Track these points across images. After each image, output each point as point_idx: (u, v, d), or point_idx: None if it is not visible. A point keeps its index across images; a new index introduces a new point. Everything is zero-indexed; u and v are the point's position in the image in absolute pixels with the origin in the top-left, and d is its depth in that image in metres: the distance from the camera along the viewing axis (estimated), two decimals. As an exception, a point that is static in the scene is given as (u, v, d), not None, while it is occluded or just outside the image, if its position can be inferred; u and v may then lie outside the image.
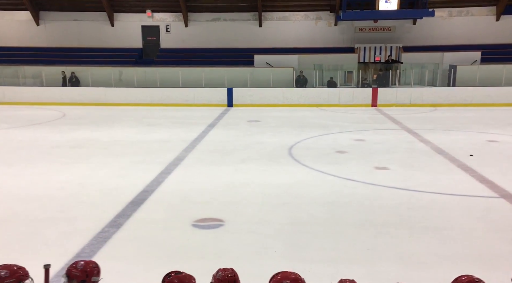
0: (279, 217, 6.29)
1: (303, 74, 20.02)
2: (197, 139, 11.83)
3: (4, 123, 14.17)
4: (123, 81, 20.20)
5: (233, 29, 23.33)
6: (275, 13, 23.27)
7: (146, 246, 5.35)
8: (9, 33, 23.46)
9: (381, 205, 6.79)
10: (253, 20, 23.36)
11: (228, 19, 23.36)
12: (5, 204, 6.75)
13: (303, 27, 23.35)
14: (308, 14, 23.23)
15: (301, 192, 7.39)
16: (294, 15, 23.30)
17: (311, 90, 19.39)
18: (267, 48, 22.76)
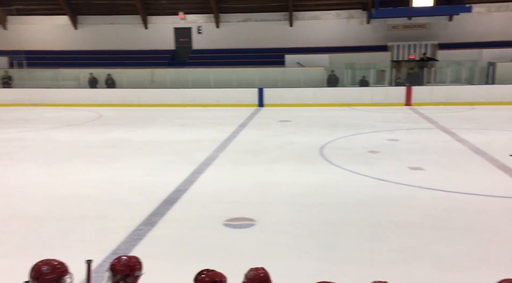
0: (310, 217, 6.26)
1: (334, 74, 19.82)
2: (228, 139, 11.92)
3: (45, 124, 14.73)
4: (156, 83, 20.61)
5: (264, 29, 23.36)
6: (306, 12, 23.14)
7: (179, 245, 5.44)
8: (48, 37, 24.38)
9: (416, 206, 6.64)
10: (283, 20, 23.32)
11: (259, 20, 23.42)
12: (44, 202, 7.02)
13: (335, 26, 23.11)
14: (339, 12, 22.97)
15: (333, 192, 7.33)
16: (325, 14, 23.09)
17: (343, 90, 19.17)
18: (298, 47, 22.66)
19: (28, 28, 24.39)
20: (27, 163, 9.54)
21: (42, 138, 12.39)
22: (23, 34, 24.39)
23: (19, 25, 24.38)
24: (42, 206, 6.83)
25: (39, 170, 8.97)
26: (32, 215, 6.45)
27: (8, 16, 24.09)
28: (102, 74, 20.80)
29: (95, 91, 20.05)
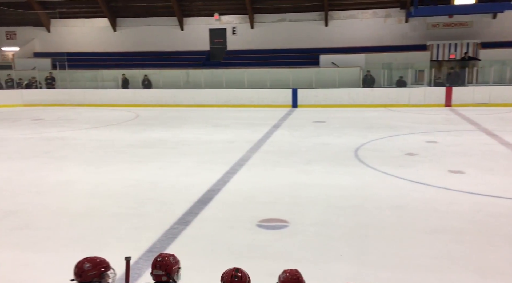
0: (345, 219, 6.15)
1: (370, 74, 19.45)
2: (261, 140, 11.92)
3: (84, 124, 15.22)
4: (191, 83, 20.88)
5: (299, 29, 23.22)
6: (342, 11, 22.83)
7: (212, 244, 5.47)
8: (89, 39, 25.19)
9: (456, 210, 6.40)
10: (318, 20, 23.11)
11: (293, 20, 23.30)
12: (83, 199, 7.24)
13: (371, 25, 22.67)
14: (376, 11, 22.52)
15: (368, 195, 7.17)
16: (362, 13, 22.69)
17: (379, 90, 18.78)
18: (333, 47, 22.39)
19: (70, 30, 25.30)
20: (68, 161, 9.87)
21: (82, 137, 12.80)
22: (65, 36, 25.31)
23: (61, 27, 25.32)
24: (82, 203, 7.04)
25: (79, 168, 9.27)
26: (73, 212, 6.66)
27: (51, 19, 25.06)
28: (139, 75, 21.29)
29: (132, 92, 20.54)
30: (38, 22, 25.00)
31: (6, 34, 25.78)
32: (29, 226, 6.10)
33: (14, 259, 5.13)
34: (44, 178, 8.57)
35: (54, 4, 24.18)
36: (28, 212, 6.67)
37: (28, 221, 6.30)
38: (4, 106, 20.12)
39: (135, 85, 21.20)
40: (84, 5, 24.37)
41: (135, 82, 21.28)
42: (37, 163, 9.68)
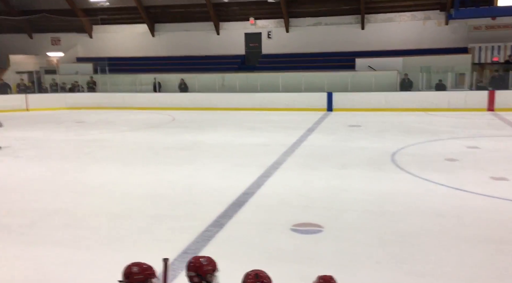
0: (381, 226, 6.02)
1: (408, 77, 19.01)
2: (296, 143, 11.87)
3: (123, 126, 15.66)
4: (226, 87, 21.09)
5: (335, 33, 23.01)
6: (379, 14, 22.46)
7: (246, 247, 5.48)
8: (128, 44, 25.94)
9: (500, 219, 6.13)
10: (355, 23, 22.82)
11: (329, 23, 23.13)
12: (122, 200, 7.43)
13: (409, 28, 22.17)
14: (415, 14, 22.01)
15: (406, 201, 6.99)
16: (400, 15, 22.24)
17: (417, 94, 18.33)
18: (369, 51, 22.04)
19: (111, 36, 26.14)
20: (107, 163, 10.18)
21: (121, 139, 13.17)
22: (106, 42, 26.18)
23: (103, 33, 26.20)
24: (121, 204, 7.23)
25: (118, 169, 9.53)
26: (112, 212, 6.85)
27: (93, 25, 25.99)
28: (176, 79, 21.70)
29: (169, 95, 20.97)
30: (81, 29, 25.99)
31: (51, 40, 26.94)
32: (71, 224, 6.32)
33: (56, 256, 5.33)
34: (85, 178, 8.86)
35: (96, 11, 25.08)
36: (70, 211, 6.91)
37: (70, 220, 6.52)
38: (49, 109, 21.00)
39: (171, 89, 21.63)
40: (124, 12, 25.14)
41: (172, 86, 21.71)
42: (79, 164, 10.03)
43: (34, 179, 8.87)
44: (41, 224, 6.35)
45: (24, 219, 6.54)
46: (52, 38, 26.90)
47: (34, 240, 5.80)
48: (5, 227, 6.25)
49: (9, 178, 8.97)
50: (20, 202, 7.36)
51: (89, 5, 24.75)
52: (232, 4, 23.78)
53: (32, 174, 9.28)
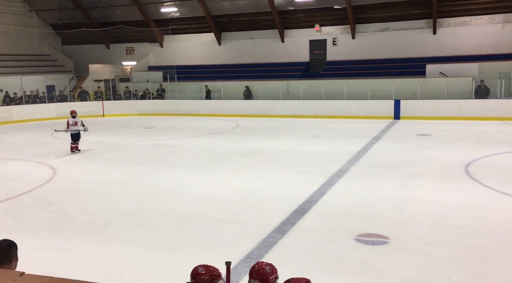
0: (454, 240, 5.68)
1: (484, 84, 17.87)
2: (361, 152, 11.57)
3: (189, 132, 16.19)
4: (290, 94, 21.08)
5: (403, 38, 22.21)
6: (453, 18, 21.33)
7: (309, 255, 5.42)
8: (196, 53, 26.86)
9: None
10: (426, 28, 21.88)
11: (397, 29, 22.38)
12: (188, 204, 7.67)
13: (486, 32, 20.83)
14: (493, 17, 20.65)
15: (481, 215, 6.55)
16: (476, 19, 20.98)
17: (495, 102, 17.15)
18: (441, 56, 20.99)
19: (180, 45, 27.22)
20: (174, 167, 10.57)
21: (187, 145, 13.62)
22: (176, 51, 27.30)
23: (172, 43, 27.36)
24: (187, 207, 7.47)
25: (184, 173, 9.87)
26: (179, 214, 7.10)
27: (164, 35, 27.25)
28: (240, 86, 22.09)
29: (233, 102, 21.38)
30: (153, 39, 27.35)
31: (126, 50, 28.60)
32: (141, 225, 6.63)
33: (127, 255, 5.61)
34: (154, 181, 9.26)
35: (167, 21, 26.28)
36: (140, 212, 7.26)
37: (140, 221, 6.85)
38: (122, 115, 22.26)
39: (236, 96, 22.03)
40: (193, 22, 26.09)
41: (237, 93, 22.12)
42: (148, 168, 10.52)
43: (109, 180, 9.43)
44: (115, 224, 6.72)
45: (100, 218, 6.96)
46: (126, 48, 28.57)
47: (108, 239, 6.15)
48: (83, 225, 6.70)
49: (87, 179, 9.61)
50: (96, 202, 7.85)
51: (161, 15, 26.00)
52: (298, 12, 23.81)
53: (107, 176, 9.87)
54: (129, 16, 25.97)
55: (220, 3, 24.13)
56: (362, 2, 21.99)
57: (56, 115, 21.26)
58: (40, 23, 28.07)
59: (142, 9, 25.43)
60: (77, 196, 8.23)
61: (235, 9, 24.35)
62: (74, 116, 12.43)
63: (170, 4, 25.01)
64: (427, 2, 20.86)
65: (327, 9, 22.84)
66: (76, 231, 6.47)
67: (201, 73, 25.39)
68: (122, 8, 25.52)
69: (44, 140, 15.12)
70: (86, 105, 22.58)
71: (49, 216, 7.17)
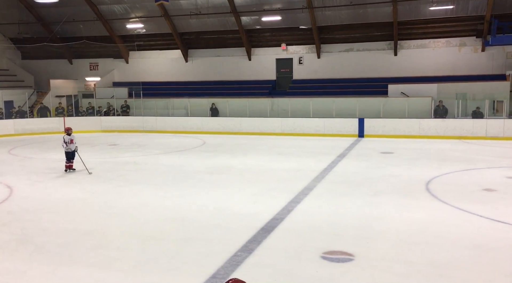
0: (416, 256, 5.80)
1: (443, 104, 18.63)
2: (326, 169, 11.73)
3: (155, 149, 15.93)
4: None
5: (367, 59, 22.96)
6: (412, 41, 22.29)
7: (276, 274, 5.38)
8: (162, 69, 26.70)
9: (543, 254, 5.80)
10: (387, 49, 22.73)
11: (361, 49, 23.13)
12: (153, 223, 7.49)
13: (444, 54, 21.86)
14: (450, 40, 21.72)
15: (442, 231, 6.74)
16: (434, 42, 22.00)
17: (453, 121, 17.88)
18: (403, 77, 21.81)
19: (145, 61, 27.01)
20: (139, 185, 10.34)
21: (153, 162, 13.38)
22: (141, 67, 27.05)
23: (138, 59, 27.11)
24: (152, 226, 7.29)
25: (150, 191, 9.66)
26: (143, 234, 6.91)
27: (130, 51, 26.97)
28: (207, 103, 22.04)
29: (200, 119, 21.29)
30: (118, 54, 27.00)
31: (90, 65, 28.08)
32: (103, 246, 6.40)
33: (88, 277, 5.39)
34: (118, 200, 9.01)
35: (133, 37, 26.04)
36: (102, 232, 7.01)
37: (102, 241, 6.61)
38: (85, 132, 21.65)
39: (202, 113, 21.96)
40: (159, 38, 26.00)
41: (203, 110, 22.05)
42: (112, 186, 10.23)
43: (69, 199, 9.09)
44: (74, 245, 6.46)
45: (59, 239, 6.68)
46: (90, 63, 28.05)
47: (67, 260, 5.90)
48: (40, 246, 6.40)
49: (47, 198, 9.23)
50: (55, 223, 7.54)
51: (126, 31, 25.75)
52: (264, 31, 24.22)
53: (68, 194, 9.52)
54: (94, 31, 25.58)
55: (187, 21, 24.21)
56: (327, 23, 22.64)
57: (14, 131, 20.49)
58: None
59: (107, 24, 25.15)
60: (35, 216, 7.88)
61: (203, 27, 24.48)
62: (69, 134, 11.90)
63: (136, 21, 24.85)
64: (389, 24, 21.74)
65: (293, 29, 23.37)
66: (33, 253, 6.17)
67: (167, 90, 25.21)
68: (86, 23, 25.13)
69: (1, 158, 14.48)
70: (47, 121, 21.86)
71: (4, 237, 6.81)
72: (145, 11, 24.27)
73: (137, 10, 24.41)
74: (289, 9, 22.18)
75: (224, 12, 22.82)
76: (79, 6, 24.08)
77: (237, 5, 22.53)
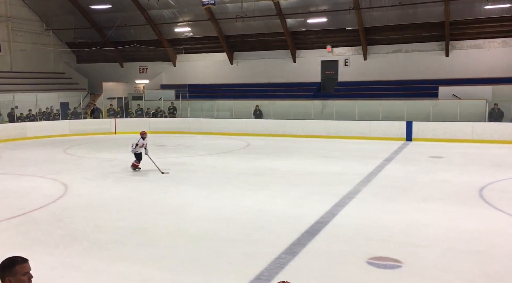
0: (468, 266, 5.56)
1: (499, 107, 17.72)
2: (372, 173, 11.48)
3: (200, 151, 16.23)
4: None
5: (416, 60, 22.26)
6: (465, 41, 21.36)
7: (320, 277, 5.33)
8: (208, 72, 27.18)
9: None
10: (438, 50, 21.92)
11: (410, 50, 22.45)
12: (198, 222, 7.63)
13: (500, 55, 20.79)
14: (507, 40, 20.64)
15: (497, 241, 6.41)
16: (489, 42, 20.98)
17: (509, 125, 16.96)
18: (454, 79, 20.97)
19: (192, 64, 27.60)
20: (185, 185, 10.57)
21: (199, 163, 13.63)
22: (188, 70, 27.67)
23: (185, 62, 27.75)
24: (197, 226, 7.43)
25: (195, 192, 9.85)
26: (189, 233, 7.06)
27: (177, 54, 27.67)
28: (251, 105, 22.18)
29: (245, 121, 21.46)
30: (166, 58, 27.77)
31: (139, 68, 29.06)
32: (151, 244, 6.60)
33: (136, 273, 5.58)
34: (165, 199, 9.26)
35: (180, 41, 26.71)
36: (150, 230, 7.23)
37: (150, 239, 6.82)
38: (134, 133, 22.39)
39: (246, 115, 22.11)
40: (206, 41, 26.49)
41: (248, 112, 22.21)
42: (160, 186, 10.53)
43: (120, 198, 9.45)
44: (125, 241, 6.70)
45: (110, 236, 6.95)
46: (140, 66, 29.03)
47: (117, 257, 6.13)
48: (93, 242, 6.69)
49: (99, 196, 9.64)
50: (107, 220, 7.85)
51: (174, 35, 26.45)
52: (310, 32, 24.07)
53: (119, 193, 9.90)
54: (143, 35, 26.48)
55: (233, 24, 24.50)
56: (374, 24, 22.17)
57: (69, 132, 21.54)
58: (56, 41, 28.75)
59: (156, 29, 25.92)
60: (88, 213, 8.25)
61: (248, 30, 24.68)
62: (144, 138, 12.43)
63: (183, 24, 25.47)
64: (440, 25, 20.97)
65: (339, 30, 23.06)
66: (86, 248, 6.47)
67: (212, 92, 25.62)
68: (136, 28, 26.05)
69: (57, 157, 15.28)
70: (99, 122, 22.84)
71: (59, 232, 7.18)
72: (192, 15, 24.81)
73: (184, 14, 25.01)
74: (335, 11, 21.91)
75: (269, 14, 22.90)
76: (131, 11, 25.01)
77: (283, 7, 22.53)
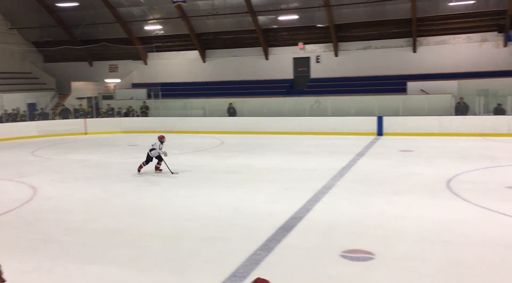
0: (438, 255, 5.73)
1: (464, 101, 18.30)
2: (345, 168, 11.66)
3: (174, 150, 16.04)
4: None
5: (385, 56, 22.72)
6: (432, 37, 21.95)
7: (295, 272, 5.39)
8: (180, 70, 26.94)
9: None
10: (406, 46, 22.45)
11: (379, 47, 22.89)
12: (173, 222, 7.58)
13: (465, 51, 21.46)
14: (471, 36, 21.32)
15: (465, 230, 6.63)
16: (454, 38, 21.62)
17: (474, 118, 17.56)
18: (422, 74, 21.52)
19: (164, 63, 27.29)
20: (159, 185, 10.47)
21: (173, 162, 13.46)
22: (160, 68, 27.34)
23: (156, 60, 27.41)
24: (172, 226, 7.38)
25: (170, 191, 9.77)
26: (163, 233, 7.00)
27: (148, 53, 27.29)
28: (225, 103, 22.13)
29: (218, 119, 21.40)
30: (136, 56, 27.35)
31: (109, 67, 28.51)
32: (125, 245, 6.51)
33: (111, 275, 5.49)
34: (139, 200, 9.14)
35: (151, 39, 26.35)
36: (124, 231, 7.13)
37: (124, 240, 6.73)
38: (105, 133, 22.03)
39: (220, 113, 22.06)
40: (177, 39, 26.23)
41: (221, 110, 22.15)
42: (132, 185, 10.39)
43: (91, 199, 9.27)
44: (97, 243, 6.59)
45: (82, 238, 6.82)
46: (110, 65, 28.48)
47: (90, 259, 6.02)
48: (65, 245, 6.55)
49: (69, 198, 9.43)
50: (78, 222, 7.69)
51: (145, 33, 26.07)
52: (281, 30, 24.19)
53: (90, 195, 9.70)
54: (113, 33, 25.97)
55: (204, 21, 24.36)
56: (344, 21, 22.48)
57: (37, 133, 20.94)
58: (21, 41, 27.86)
59: (126, 26, 25.49)
60: (58, 216, 8.06)
61: (220, 27, 24.58)
62: (162, 142, 12.13)
63: (154, 22, 25.13)
64: (407, 21, 21.46)
65: (310, 27, 23.28)
66: (57, 251, 6.32)
67: (185, 90, 25.40)
68: (105, 26, 25.54)
69: (25, 159, 14.84)
70: (68, 123, 22.29)
71: (29, 236, 6.99)
72: (163, 13, 24.52)
73: (155, 12, 24.69)
74: (306, 8, 22.10)
75: (241, 12, 22.88)
76: (99, 9, 24.49)
77: (254, 5, 22.56)
